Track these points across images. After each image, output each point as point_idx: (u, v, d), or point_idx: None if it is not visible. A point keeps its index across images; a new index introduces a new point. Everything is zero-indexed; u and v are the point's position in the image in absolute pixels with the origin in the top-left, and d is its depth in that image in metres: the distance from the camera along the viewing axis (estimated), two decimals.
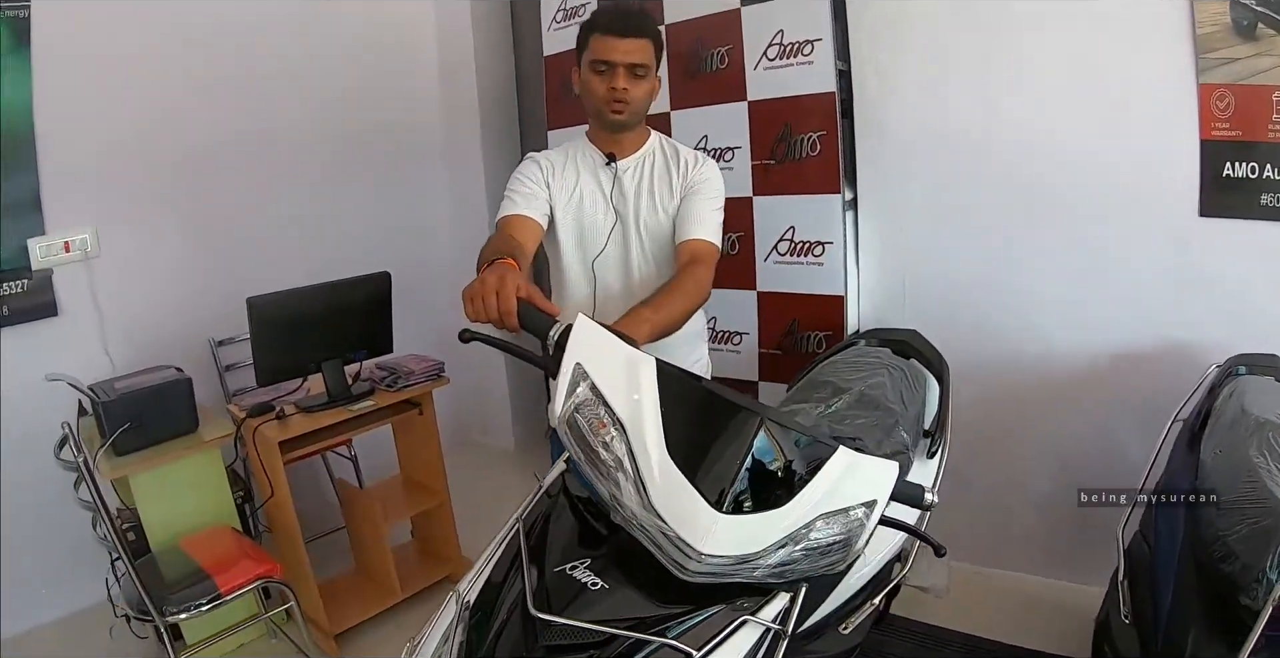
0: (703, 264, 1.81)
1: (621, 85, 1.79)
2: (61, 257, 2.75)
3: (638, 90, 1.82)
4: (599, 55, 1.79)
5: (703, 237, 1.85)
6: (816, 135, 2.55)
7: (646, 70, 1.81)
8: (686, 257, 1.83)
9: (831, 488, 1.14)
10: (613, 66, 1.78)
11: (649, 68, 1.82)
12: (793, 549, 1.12)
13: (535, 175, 1.90)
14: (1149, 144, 2.23)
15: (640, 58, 1.79)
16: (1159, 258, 2.27)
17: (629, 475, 1.14)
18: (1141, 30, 2.18)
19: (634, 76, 1.80)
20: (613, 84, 1.79)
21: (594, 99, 1.83)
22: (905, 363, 2.20)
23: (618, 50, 1.77)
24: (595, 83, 1.81)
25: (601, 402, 1.20)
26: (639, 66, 1.80)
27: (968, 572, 2.64)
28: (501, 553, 1.31)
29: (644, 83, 1.83)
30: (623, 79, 1.79)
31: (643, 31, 1.80)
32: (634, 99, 1.82)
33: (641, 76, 1.81)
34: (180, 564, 2.34)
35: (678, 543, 1.09)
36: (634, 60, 1.78)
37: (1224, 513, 1.52)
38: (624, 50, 1.77)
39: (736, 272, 2.78)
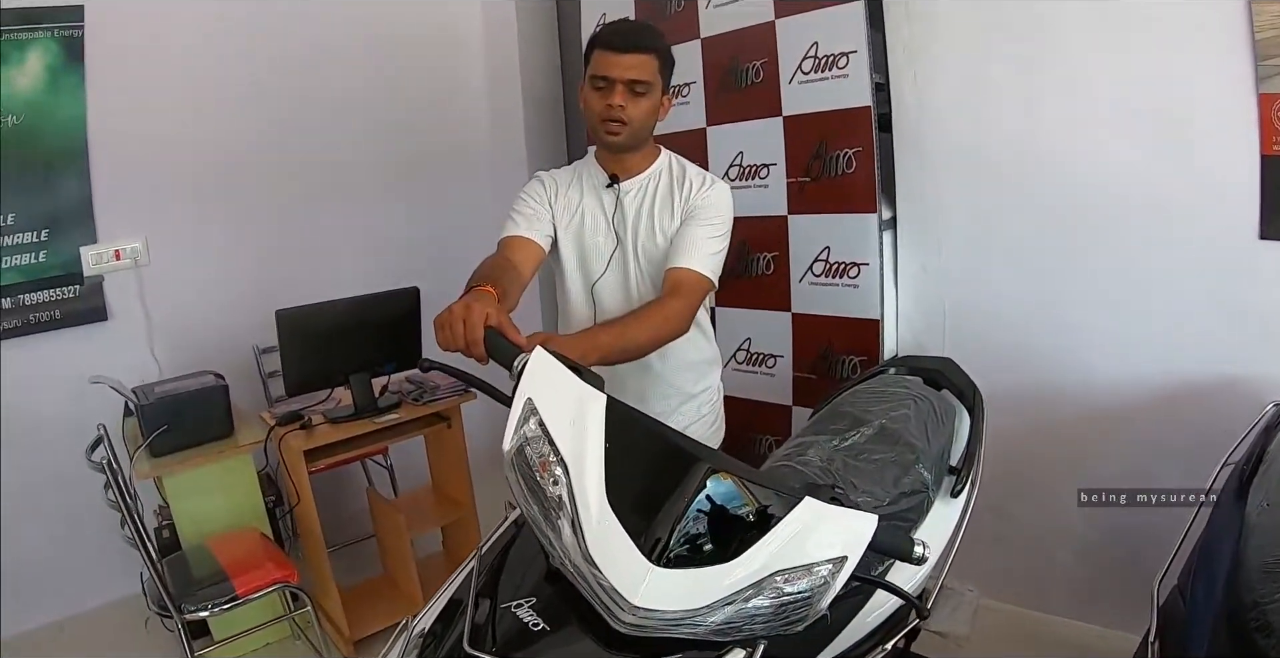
0: (681, 296, 1.67)
1: (618, 102, 1.65)
2: (113, 264, 2.83)
3: (637, 109, 1.68)
4: (597, 70, 1.67)
5: (690, 265, 1.70)
6: (852, 151, 2.40)
7: (648, 87, 1.67)
8: (669, 285, 1.70)
9: (792, 542, 1.03)
10: (610, 82, 1.65)
11: (651, 85, 1.68)
12: (741, 607, 1.01)
13: (539, 195, 1.81)
14: (1203, 160, 2.02)
15: (640, 74, 1.65)
16: (1214, 285, 2.06)
17: (569, 518, 1.05)
18: (1194, 36, 1.98)
19: (633, 94, 1.66)
20: (609, 100, 1.66)
21: (591, 116, 1.72)
22: (935, 394, 2.03)
23: (617, 65, 1.64)
24: (593, 100, 1.69)
25: (547, 439, 1.12)
26: (639, 83, 1.66)
27: (1001, 611, 2.46)
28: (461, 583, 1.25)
29: (644, 101, 1.69)
30: (620, 95, 1.65)
31: (644, 46, 1.66)
32: (632, 118, 1.68)
33: (642, 94, 1.67)
34: (205, 564, 2.38)
35: (610, 593, 1.00)
36: (633, 76, 1.65)
37: (1266, 577, 1.32)
38: (623, 66, 1.64)
39: (771, 292, 2.66)
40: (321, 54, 3.21)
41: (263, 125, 3.09)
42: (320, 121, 3.24)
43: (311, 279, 2.99)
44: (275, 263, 3.16)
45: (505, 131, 3.67)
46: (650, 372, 1.88)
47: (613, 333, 1.50)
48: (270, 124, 3.11)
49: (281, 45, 3.10)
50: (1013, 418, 2.31)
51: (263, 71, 3.07)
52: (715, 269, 1.74)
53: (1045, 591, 2.46)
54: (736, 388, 2.73)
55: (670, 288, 1.69)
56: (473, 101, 3.68)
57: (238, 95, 3.03)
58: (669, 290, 1.69)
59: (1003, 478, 2.29)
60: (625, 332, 1.52)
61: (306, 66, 3.17)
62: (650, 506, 1.06)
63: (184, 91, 2.91)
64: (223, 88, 2.99)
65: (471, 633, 1.05)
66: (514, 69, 3.57)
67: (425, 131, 3.53)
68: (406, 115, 3.46)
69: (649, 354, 1.66)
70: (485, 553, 1.30)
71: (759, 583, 1.00)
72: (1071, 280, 2.27)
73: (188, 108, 2.92)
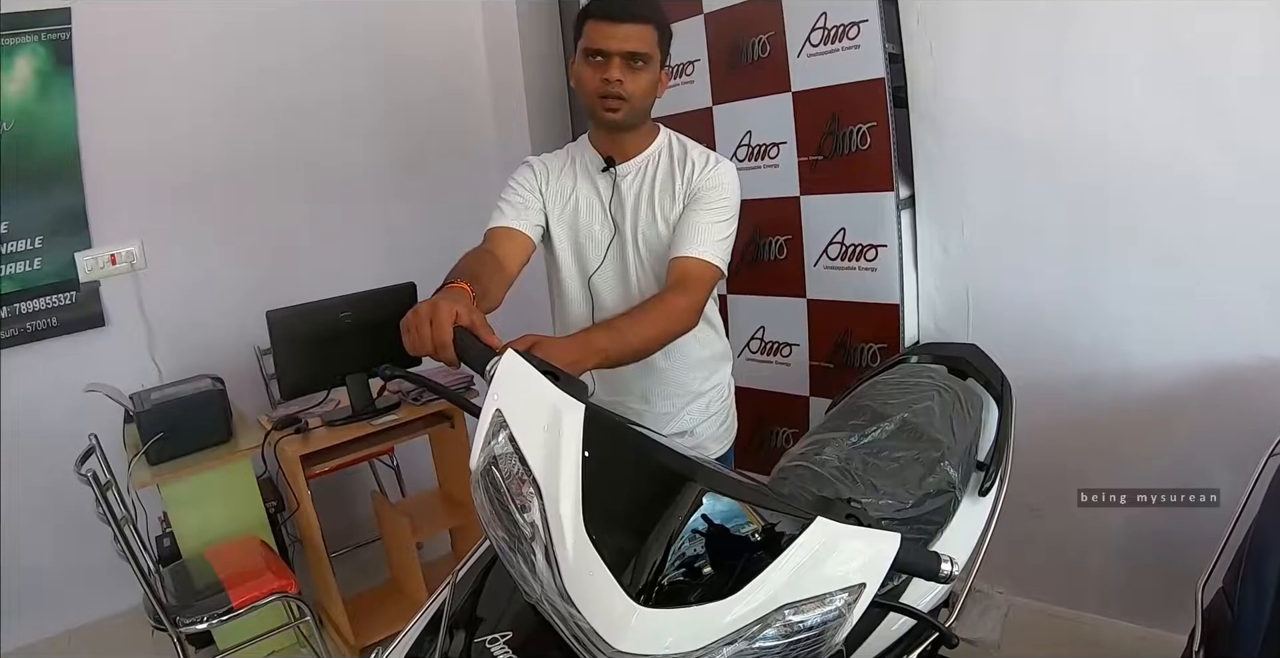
0: (686, 289, 1.51)
1: (615, 76, 1.50)
2: (109, 269, 2.75)
3: (636, 84, 1.52)
4: (591, 43, 1.50)
5: (696, 254, 1.54)
6: (866, 127, 2.23)
7: (647, 60, 1.52)
8: (673, 277, 1.54)
9: (803, 571, 0.88)
10: (607, 56, 1.50)
11: (650, 57, 1.52)
12: (744, 648, 0.86)
13: (529, 182, 1.65)
14: (1244, 133, 1.83)
15: (638, 45, 1.50)
16: (1257, 266, 1.87)
17: (543, 547, 0.91)
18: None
19: (631, 67, 1.51)
20: (605, 75, 1.50)
21: (586, 94, 1.56)
22: (960, 384, 1.86)
23: (613, 37, 1.48)
24: (588, 75, 1.53)
25: (518, 456, 0.96)
26: (637, 55, 1.50)
27: (1035, 611, 2.31)
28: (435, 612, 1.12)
29: (644, 75, 1.53)
30: (617, 69, 1.50)
31: (641, 16, 1.50)
32: (631, 94, 1.52)
33: (641, 67, 1.52)
34: (202, 575, 2.30)
35: (590, 636, 0.85)
36: (631, 48, 1.49)
37: None
38: (620, 37, 1.48)
39: (784, 278, 2.50)
40: (318, 51, 3.09)
41: (259, 122, 2.98)
42: (318, 118, 3.12)
43: (314, 278, 2.87)
44: (276, 262, 3.05)
45: (508, 123, 3.52)
46: (655, 370, 1.73)
47: (612, 333, 1.34)
48: (266, 120, 3.00)
49: (276, 41, 2.98)
50: (1044, 409, 2.14)
51: (257, 68, 2.96)
52: (724, 256, 1.59)
53: (1081, 589, 2.29)
54: (750, 379, 2.59)
55: (675, 280, 1.53)
56: (474, 94, 3.54)
57: (231, 94, 2.92)
58: (673, 283, 1.53)
59: (1035, 473, 2.11)
60: (626, 331, 1.36)
61: (302, 63, 3.05)
62: (636, 533, 0.91)
63: (176, 92, 2.82)
64: (216, 87, 2.89)
65: None
66: (515, 59, 3.41)
67: (426, 126, 3.39)
68: (406, 110, 3.33)
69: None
70: (462, 578, 1.16)
71: (765, 618, 0.86)
72: (1104, 262, 2.08)
73: (180, 108, 2.83)
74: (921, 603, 1.43)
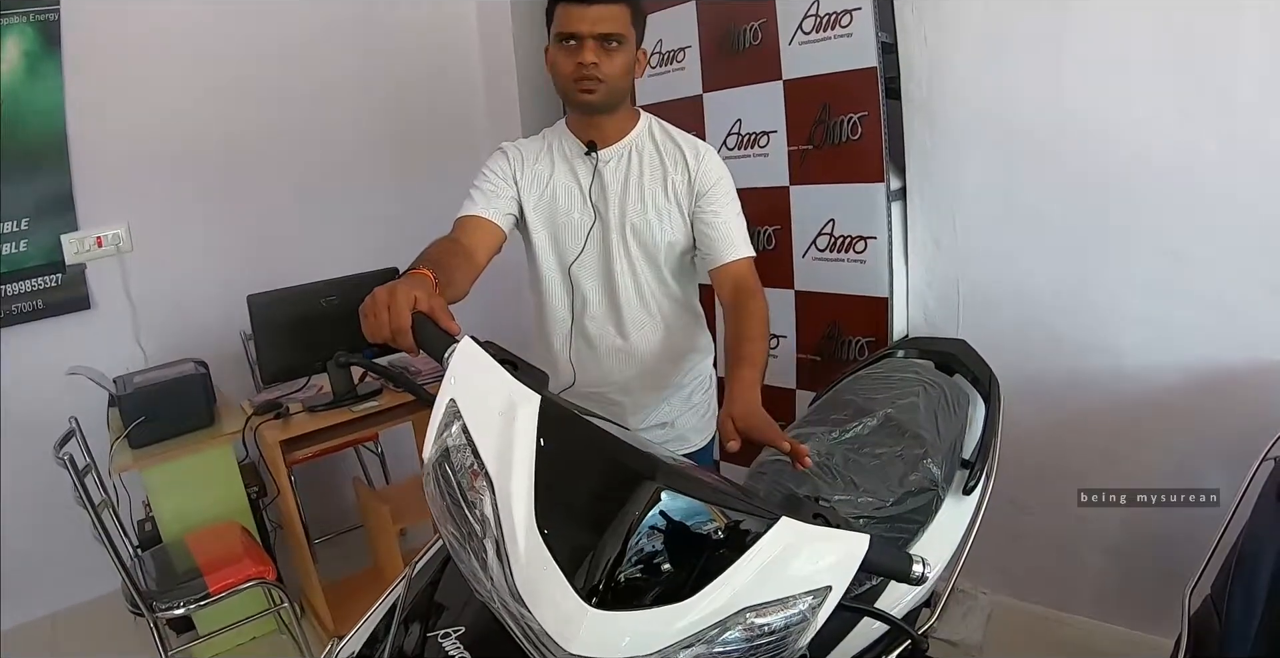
0: (753, 291, 1.56)
1: (590, 59, 1.45)
2: (94, 252, 2.70)
3: (611, 65, 1.48)
4: (564, 27, 1.46)
5: (741, 255, 1.59)
6: (857, 117, 2.16)
7: (621, 41, 1.47)
8: (730, 284, 1.57)
9: (766, 572, 0.84)
10: (579, 39, 1.45)
11: (624, 38, 1.47)
12: (702, 652, 0.82)
13: (501, 169, 1.60)
14: (1246, 127, 1.76)
15: (612, 26, 1.45)
16: (1256, 264, 1.81)
17: (494, 543, 0.86)
18: None
19: (605, 49, 1.46)
20: (579, 59, 1.45)
21: (561, 78, 1.51)
22: (947, 380, 1.81)
23: (585, 19, 1.44)
24: (562, 59, 1.49)
25: (471, 448, 0.92)
26: (611, 37, 1.46)
27: (1020, 611, 2.26)
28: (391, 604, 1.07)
29: (619, 56, 1.48)
30: (591, 52, 1.45)
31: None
32: (607, 75, 1.48)
33: (615, 49, 1.47)
34: (182, 559, 2.26)
35: (541, 638, 0.81)
36: (604, 30, 1.45)
37: None
38: (592, 18, 1.44)
39: (773, 269, 2.40)
40: (308, 35, 3.01)
41: (248, 106, 2.92)
42: (308, 103, 3.05)
43: (301, 263, 2.80)
44: (263, 247, 2.99)
45: (500, 109, 3.44)
46: (636, 362, 1.68)
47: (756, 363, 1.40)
48: (255, 104, 2.94)
49: (266, 25, 2.91)
50: (1035, 407, 2.10)
51: (246, 51, 2.89)
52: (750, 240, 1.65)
53: (1068, 590, 2.24)
54: None
55: (736, 286, 1.57)
56: (466, 79, 3.46)
57: (220, 77, 2.85)
58: (735, 288, 1.57)
59: (1023, 472, 2.08)
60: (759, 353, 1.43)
61: (292, 47, 2.99)
62: (590, 531, 0.86)
63: (164, 75, 2.75)
64: (204, 70, 2.82)
65: None
66: (508, 44, 3.33)
67: (417, 111, 3.32)
68: (397, 95, 3.26)
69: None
70: (419, 571, 1.12)
71: (724, 622, 0.81)
72: (1100, 257, 2.02)
73: (168, 91, 2.76)
74: (901, 604, 1.38)
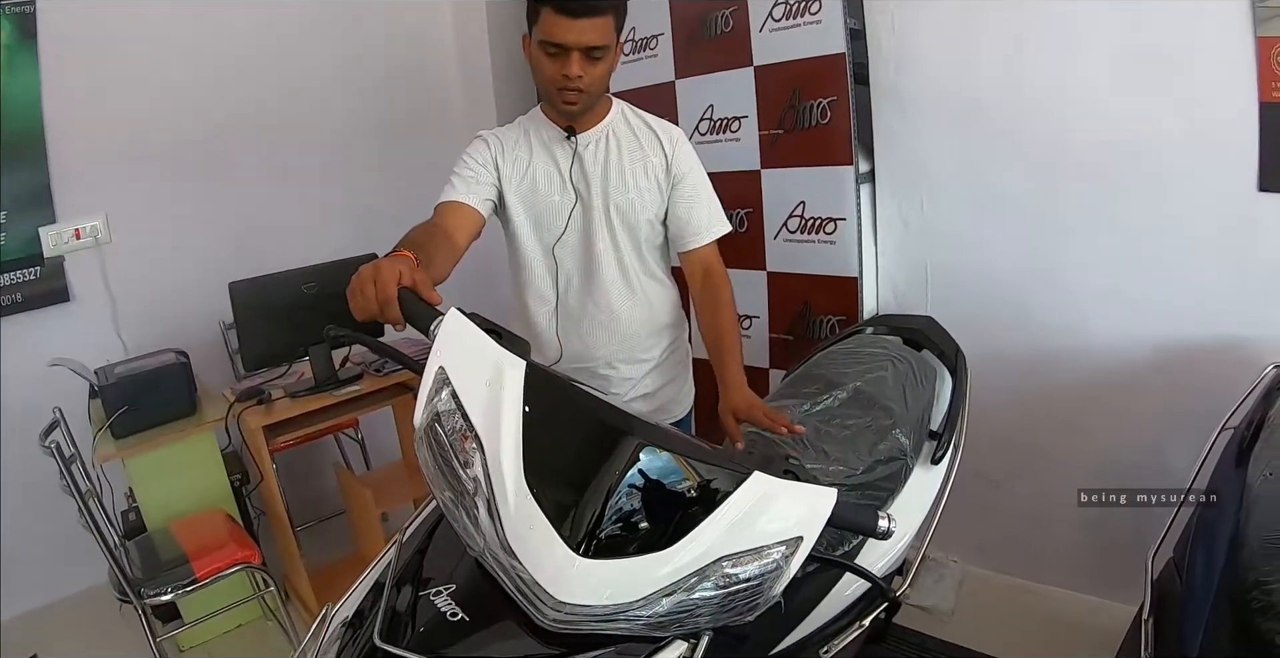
0: (723, 278, 1.71)
1: (575, 72, 1.46)
2: (73, 243, 2.67)
3: (594, 75, 1.49)
4: (549, 36, 1.44)
5: (716, 235, 1.72)
6: (826, 101, 2.20)
7: (604, 51, 1.48)
8: (701, 269, 1.70)
9: (740, 523, 0.89)
10: (565, 50, 1.45)
11: (608, 48, 1.48)
12: (683, 599, 0.87)
13: (482, 155, 1.61)
14: (1201, 109, 1.82)
15: (597, 38, 1.44)
16: (1211, 240, 1.86)
17: (485, 501, 0.90)
18: None
19: (590, 59, 1.47)
20: (565, 71, 1.46)
21: (545, 83, 1.52)
22: (915, 355, 1.85)
23: (571, 31, 1.42)
24: (546, 65, 1.49)
25: (460, 413, 0.96)
26: (596, 49, 1.46)
27: (992, 581, 2.31)
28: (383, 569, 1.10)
29: (602, 64, 1.50)
30: (577, 65, 1.46)
31: (599, 9, 1.44)
32: (590, 85, 1.50)
33: (599, 58, 1.48)
34: (167, 547, 2.24)
35: (532, 587, 0.85)
36: (590, 42, 1.44)
37: (1269, 553, 1.15)
38: (578, 31, 1.43)
39: (745, 251, 2.47)
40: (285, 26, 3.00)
41: (225, 96, 2.90)
42: (285, 93, 3.04)
43: (281, 253, 2.79)
44: (243, 237, 2.97)
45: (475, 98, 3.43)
46: (620, 337, 1.72)
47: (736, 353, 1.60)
48: (233, 94, 2.91)
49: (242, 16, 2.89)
50: (1003, 382, 2.15)
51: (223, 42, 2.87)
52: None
53: (1038, 560, 2.29)
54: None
55: (704, 272, 1.70)
56: (441, 69, 3.45)
57: (198, 68, 2.83)
58: (705, 273, 1.70)
59: (991, 445, 2.13)
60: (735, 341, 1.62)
61: (270, 37, 2.97)
62: (575, 487, 0.91)
63: (141, 66, 2.72)
64: (182, 60, 2.80)
65: (388, 625, 0.93)
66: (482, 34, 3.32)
67: (393, 101, 3.30)
68: (373, 85, 3.24)
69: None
70: (410, 536, 1.15)
71: (702, 570, 0.87)
72: (1064, 236, 2.07)
73: (145, 82, 2.73)
74: (875, 569, 1.42)
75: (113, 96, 2.68)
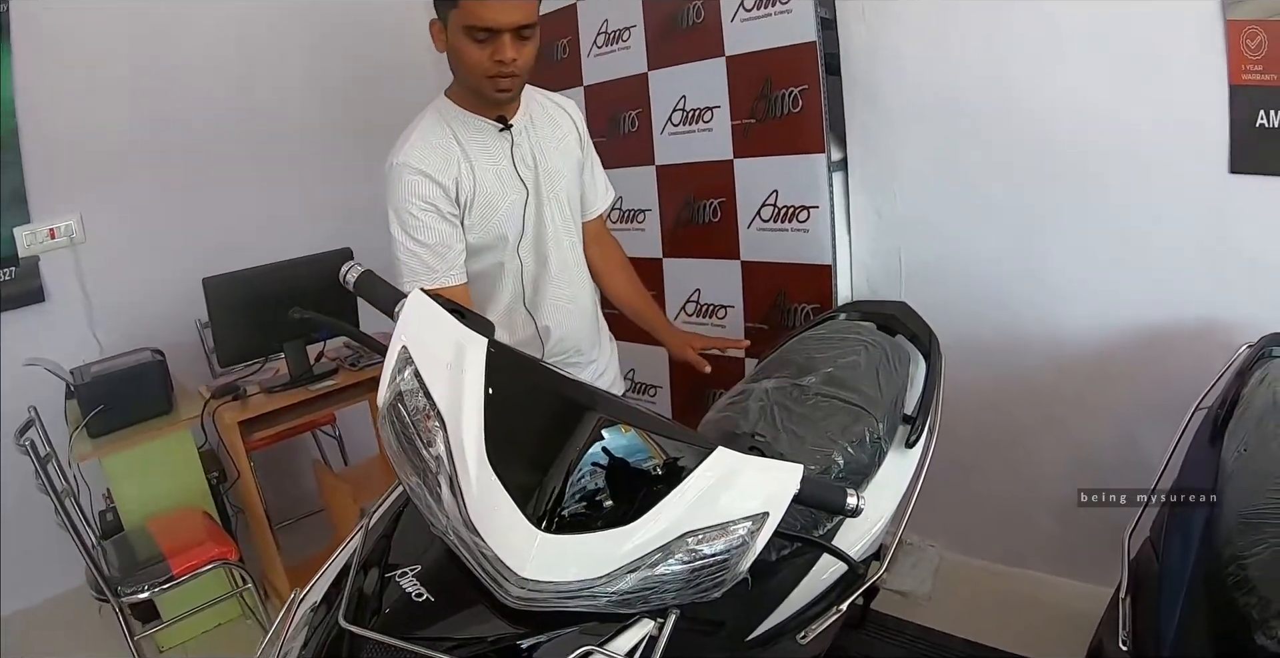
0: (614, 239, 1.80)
1: (510, 55, 1.32)
2: (47, 243, 2.62)
3: (526, 56, 1.36)
4: (475, 20, 1.30)
5: (611, 198, 1.75)
6: (798, 90, 2.16)
7: (533, 30, 1.36)
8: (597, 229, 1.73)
9: (704, 498, 0.88)
10: (495, 33, 1.31)
11: (536, 25, 1.36)
12: (647, 575, 0.85)
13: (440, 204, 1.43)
14: (1171, 92, 1.78)
15: (526, 16, 1.32)
16: (1183, 223, 1.83)
17: (447, 478, 0.89)
18: None
19: (520, 39, 1.34)
20: (499, 57, 1.32)
21: (472, 74, 1.37)
22: (888, 340, 1.82)
23: (501, 12, 1.29)
24: (472, 53, 1.34)
25: (423, 391, 0.95)
26: (526, 27, 1.33)
27: (970, 566, 2.27)
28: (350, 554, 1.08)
29: (531, 43, 1.37)
30: (510, 48, 1.32)
31: None
32: (523, 68, 1.37)
33: (529, 36, 1.35)
34: (144, 546, 2.21)
35: (495, 564, 0.84)
36: (520, 21, 1.32)
37: (1245, 527, 1.12)
38: (508, 11, 1.30)
39: (719, 240, 2.43)
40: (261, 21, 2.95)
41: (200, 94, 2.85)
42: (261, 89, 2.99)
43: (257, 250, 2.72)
44: (218, 235, 2.91)
45: None
46: (588, 322, 1.71)
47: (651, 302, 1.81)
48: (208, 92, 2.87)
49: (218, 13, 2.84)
50: (979, 369, 2.11)
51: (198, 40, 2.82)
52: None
53: (1015, 544, 2.26)
54: None
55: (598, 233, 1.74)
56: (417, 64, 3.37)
57: (171, 66, 2.78)
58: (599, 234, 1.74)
59: (967, 432, 2.09)
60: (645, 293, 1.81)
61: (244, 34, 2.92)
62: (538, 463, 0.91)
63: (115, 63, 2.68)
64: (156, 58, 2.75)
65: (355, 606, 0.92)
66: None
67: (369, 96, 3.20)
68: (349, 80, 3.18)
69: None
70: (378, 519, 1.12)
71: (667, 546, 0.85)
72: (1036, 224, 2.03)
73: (119, 80, 2.69)
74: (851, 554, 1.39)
75: (87, 95, 2.63)
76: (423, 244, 1.42)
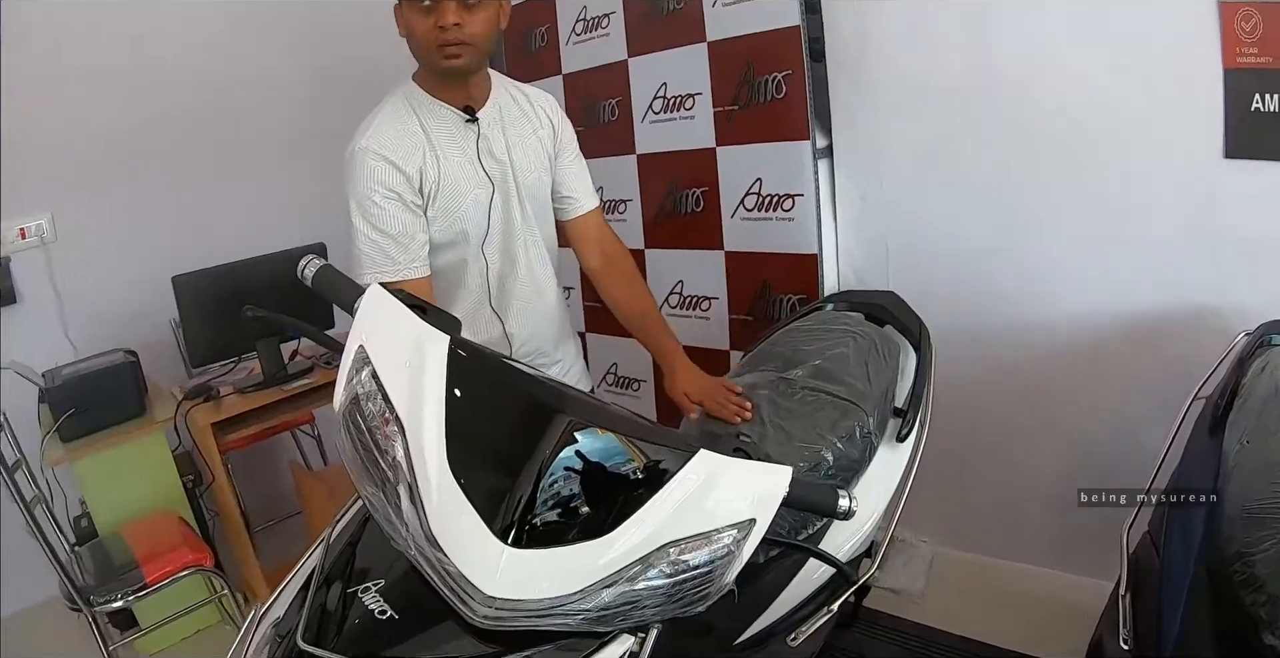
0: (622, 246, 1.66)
1: (451, 20, 1.26)
2: (18, 244, 2.55)
3: (475, 24, 1.29)
4: None
5: (596, 203, 1.64)
6: (781, 75, 2.10)
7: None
8: (595, 236, 1.63)
9: (687, 506, 0.81)
10: (438, 1, 1.26)
11: None
12: (626, 590, 0.78)
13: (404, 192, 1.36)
14: (1164, 76, 1.74)
15: None
16: (1178, 209, 1.78)
17: (406, 488, 0.82)
18: None
19: (466, 6, 1.27)
20: (440, 22, 1.27)
21: (420, 44, 1.32)
22: (878, 331, 1.77)
23: None
24: (417, 21, 1.29)
25: (381, 394, 0.87)
26: None
27: (964, 561, 2.23)
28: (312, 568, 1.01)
29: (481, 11, 1.30)
30: (452, 13, 1.26)
31: None
32: (472, 36, 1.30)
33: (477, 4, 1.28)
34: (119, 552, 2.14)
35: (459, 582, 0.78)
36: None
37: (1249, 522, 1.07)
38: None
39: (702, 230, 2.37)
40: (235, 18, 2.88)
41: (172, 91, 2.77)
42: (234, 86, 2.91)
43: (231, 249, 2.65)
44: (192, 234, 2.82)
45: None
46: (556, 319, 1.64)
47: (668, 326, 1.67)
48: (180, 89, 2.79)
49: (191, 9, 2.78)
50: (970, 358, 2.07)
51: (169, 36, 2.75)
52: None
53: (1010, 538, 2.22)
54: None
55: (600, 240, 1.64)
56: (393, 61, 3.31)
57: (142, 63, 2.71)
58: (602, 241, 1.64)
59: (959, 423, 2.04)
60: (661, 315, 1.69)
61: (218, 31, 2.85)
62: (505, 471, 0.84)
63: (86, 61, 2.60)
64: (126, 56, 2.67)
65: (316, 625, 0.85)
66: None
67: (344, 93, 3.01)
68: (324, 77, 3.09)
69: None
70: (337, 534, 1.05)
71: (646, 558, 0.79)
72: (1028, 210, 1.99)
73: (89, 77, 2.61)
74: (841, 552, 1.36)
75: (57, 93, 2.56)
76: (385, 234, 1.36)
